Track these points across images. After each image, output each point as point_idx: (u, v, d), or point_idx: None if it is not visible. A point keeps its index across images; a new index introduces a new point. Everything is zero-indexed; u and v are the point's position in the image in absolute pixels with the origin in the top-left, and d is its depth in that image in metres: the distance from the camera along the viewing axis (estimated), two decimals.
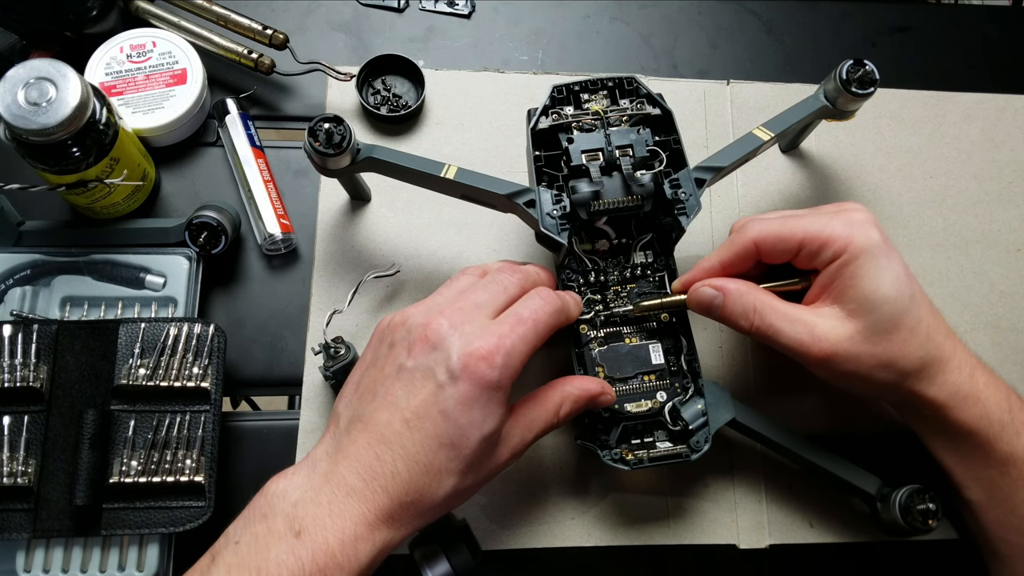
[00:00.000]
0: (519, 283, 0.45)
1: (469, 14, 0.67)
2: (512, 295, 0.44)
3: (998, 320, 0.59)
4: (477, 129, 0.62)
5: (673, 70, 0.67)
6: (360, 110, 0.62)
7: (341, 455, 0.40)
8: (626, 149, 0.49)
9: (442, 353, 0.40)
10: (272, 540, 0.37)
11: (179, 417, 0.50)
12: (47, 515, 0.48)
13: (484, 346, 0.40)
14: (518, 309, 0.43)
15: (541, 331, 0.43)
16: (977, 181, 0.63)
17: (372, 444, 0.39)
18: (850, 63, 0.52)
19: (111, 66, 0.58)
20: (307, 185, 0.60)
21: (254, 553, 0.37)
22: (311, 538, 0.37)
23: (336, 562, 0.37)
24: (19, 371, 0.49)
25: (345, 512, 0.38)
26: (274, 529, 0.37)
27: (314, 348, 0.51)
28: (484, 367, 0.39)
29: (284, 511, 0.38)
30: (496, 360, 0.40)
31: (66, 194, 0.52)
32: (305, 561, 0.36)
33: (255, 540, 0.37)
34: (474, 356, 0.40)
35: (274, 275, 0.58)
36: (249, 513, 0.39)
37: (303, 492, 0.39)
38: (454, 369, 0.39)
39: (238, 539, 0.38)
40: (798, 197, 0.62)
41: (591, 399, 0.46)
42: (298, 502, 0.38)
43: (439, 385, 0.40)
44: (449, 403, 0.39)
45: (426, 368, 0.40)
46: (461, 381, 0.39)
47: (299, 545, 0.37)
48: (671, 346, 0.50)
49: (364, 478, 0.39)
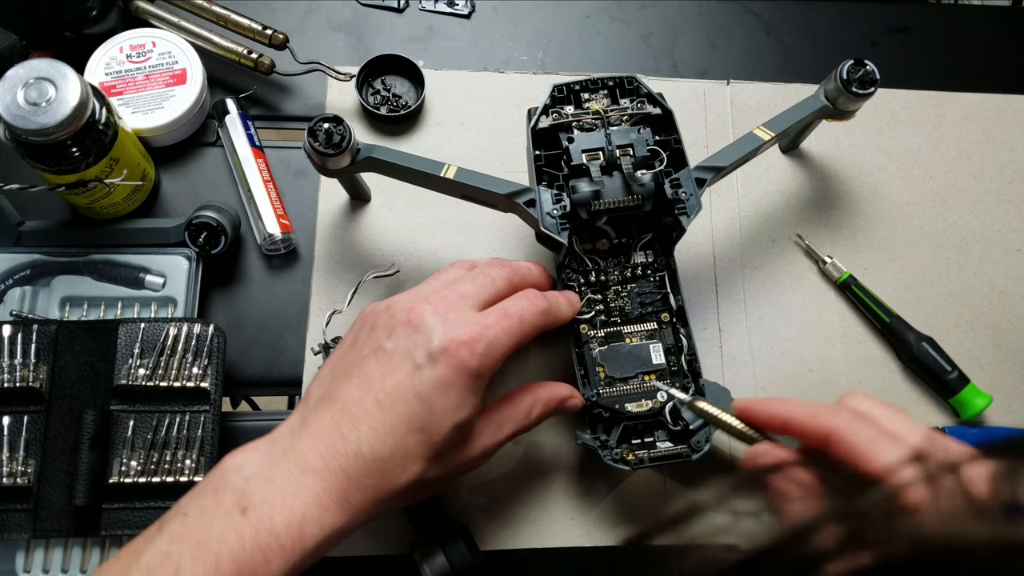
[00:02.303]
0: (507, 277, 0.45)
1: (469, 14, 0.67)
2: (500, 289, 0.44)
3: (998, 320, 0.59)
4: (477, 129, 0.62)
5: (673, 70, 0.67)
6: (360, 110, 0.62)
7: (304, 431, 0.39)
8: (626, 149, 0.49)
9: (423, 336, 0.39)
10: (218, 515, 0.36)
11: (179, 417, 0.50)
12: (47, 515, 0.47)
13: (467, 332, 0.39)
14: (505, 304, 0.42)
15: (526, 329, 0.42)
16: (977, 181, 0.63)
17: (338, 422, 0.39)
18: (850, 63, 0.52)
19: (111, 66, 0.58)
20: (307, 185, 0.60)
21: (198, 527, 0.36)
22: (256, 516, 0.36)
23: (279, 543, 0.36)
24: (19, 371, 0.49)
25: (297, 491, 0.37)
26: (222, 503, 0.37)
27: (314, 348, 0.51)
28: (465, 352, 0.39)
29: (235, 485, 0.37)
30: (478, 348, 0.39)
31: (66, 194, 0.52)
32: (247, 539, 0.35)
33: (202, 513, 0.36)
34: (455, 341, 0.39)
35: (274, 275, 0.58)
36: (203, 485, 0.38)
37: (258, 468, 0.38)
38: (434, 352, 0.39)
39: (187, 511, 0.37)
40: (798, 197, 0.62)
41: (561, 402, 0.46)
42: (251, 477, 0.37)
43: (417, 367, 0.39)
44: (425, 386, 0.38)
45: (405, 350, 0.40)
46: (440, 364, 0.39)
47: (243, 522, 0.36)
48: (671, 346, 0.50)
49: (324, 456, 0.38)
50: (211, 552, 0.35)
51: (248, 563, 0.35)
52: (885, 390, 0.57)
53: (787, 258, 0.60)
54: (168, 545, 0.36)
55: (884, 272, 0.60)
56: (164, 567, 0.35)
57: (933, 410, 0.57)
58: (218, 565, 0.35)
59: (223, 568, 0.35)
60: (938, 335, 0.57)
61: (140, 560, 0.35)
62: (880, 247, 0.61)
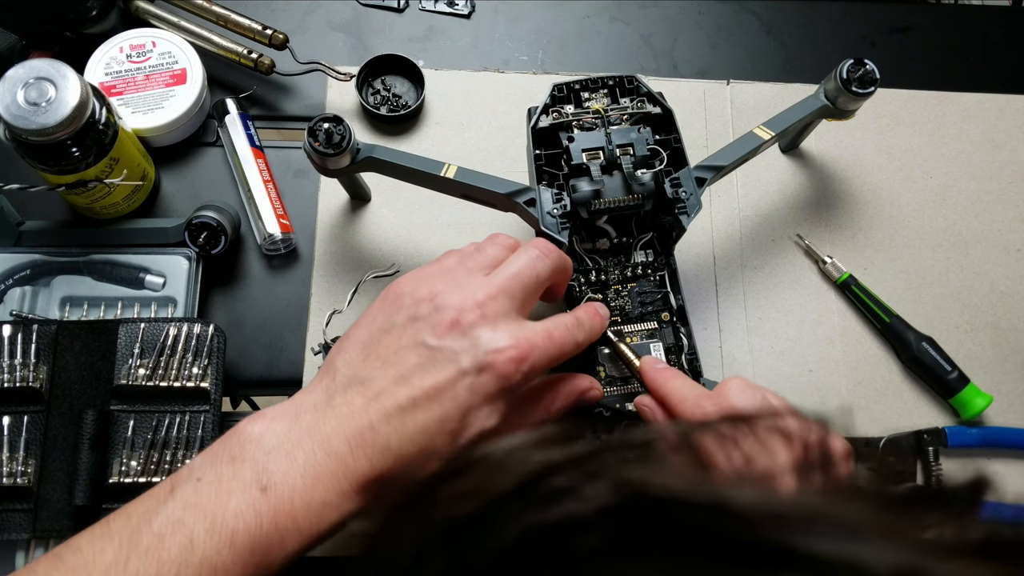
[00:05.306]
0: (551, 268, 0.43)
1: (469, 14, 0.67)
2: (543, 284, 0.43)
3: (998, 320, 0.59)
4: (477, 129, 0.62)
5: (673, 70, 0.67)
6: (360, 110, 0.62)
7: (331, 412, 0.38)
8: (627, 148, 0.49)
9: (471, 341, 0.39)
10: (235, 487, 0.35)
11: (179, 417, 0.50)
12: (47, 515, 0.47)
13: (516, 351, 0.39)
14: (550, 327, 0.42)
15: (566, 354, 0.42)
16: (977, 181, 0.63)
17: (369, 411, 0.38)
18: (851, 62, 0.52)
19: (111, 66, 0.58)
20: (307, 185, 0.60)
21: (214, 497, 0.35)
22: (276, 495, 0.35)
23: (296, 525, 0.35)
24: (19, 371, 0.49)
25: (320, 474, 0.36)
26: (240, 475, 0.36)
27: (314, 348, 0.51)
28: (512, 368, 0.39)
29: (255, 458, 0.36)
30: (523, 366, 0.39)
31: (66, 194, 0.52)
32: (264, 518, 0.35)
33: (218, 482, 0.36)
34: (504, 356, 0.39)
35: (274, 275, 0.58)
36: (218, 450, 0.37)
37: (279, 442, 0.37)
38: (481, 361, 0.38)
39: (200, 476, 0.36)
40: (798, 197, 0.62)
41: (581, 393, 0.46)
42: (271, 452, 0.36)
43: (461, 372, 0.38)
44: (465, 393, 0.38)
45: (451, 351, 0.39)
46: (485, 375, 0.38)
47: (262, 500, 0.35)
48: (672, 345, 0.50)
49: (351, 444, 0.37)
50: (227, 527, 0.34)
51: (263, 542, 0.35)
52: (885, 390, 0.57)
53: (787, 258, 0.60)
54: (182, 512, 0.35)
55: (884, 272, 0.60)
56: (176, 535, 0.34)
57: (933, 410, 0.57)
58: (233, 541, 0.34)
59: (238, 545, 0.34)
60: (938, 335, 0.57)
61: (152, 523, 0.35)
62: (880, 247, 0.61)
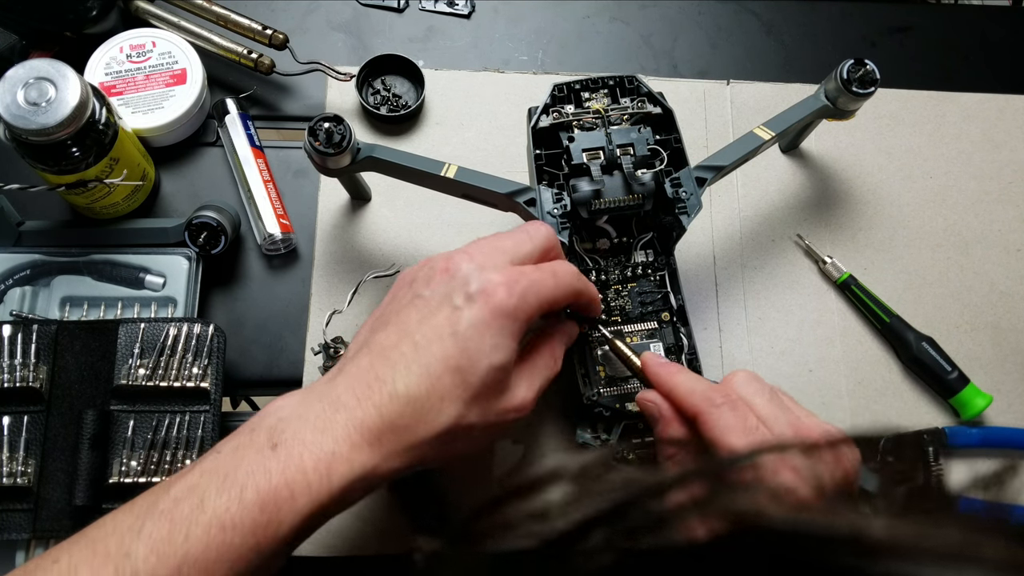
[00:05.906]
0: (546, 236, 0.44)
1: (469, 14, 0.67)
2: (536, 248, 0.43)
3: (998, 320, 0.59)
4: (477, 129, 0.62)
5: (673, 70, 0.67)
6: (360, 110, 0.62)
7: (341, 376, 0.39)
8: (627, 148, 0.49)
9: (460, 280, 0.39)
10: (250, 451, 0.36)
11: (179, 417, 0.49)
12: (47, 515, 0.47)
13: (504, 276, 0.39)
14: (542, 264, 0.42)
15: (561, 286, 0.42)
16: (977, 181, 0.63)
17: (374, 365, 0.38)
18: (851, 63, 0.52)
19: (111, 66, 0.58)
20: (307, 185, 0.60)
21: (228, 461, 0.36)
22: (286, 451, 0.36)
23: (306, 479, 0.35)
24: (19, 371, 0.49)
25: (328, 427, 0.37)
26: (254, 441, 0.37)
27: (314, 348, 0.51)
28: (503, 292, 0.39)
29: (269, 424, 0.37)
30: (515, 288, 0.39)
31: (66, 194, 0.52)
32: (273, 473, 0.35)
33: (235, 450, 0.37)
34: (493, 282, 0.39)
35: (274, 275, 0.58)
36: (240, 428, 0.39)
37: (292, 409, 0.38)
38: (471, 292, 0.39)
39: (220, 449, 0.37)
40: (798, 197, 0.62)
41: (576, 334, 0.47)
42: (285, 417, 0.38)
43: (454, 308, 0.39)
44: (462, 325, 0.38)
45: (443, 295, 0.39)
46: (477, 304, 0.38)
47: (272, 457, 0.36)
48: (672, 345, 0.50)
49: (358, 395, 0.37)
50: (236, 484, 0.35)
51: (272, 497, 0.35)
52: (885, 390, 0.57)
53: (787, 258, 0.60)
54: (198, 478, 0.36)
55: (884, 272, 0.60)
56: (190, 497, 0.35)
57: (933, 410, 0.57)
58: (242, 496, 0.35)
59: (247, 500, 0.35)
60: (938, 335, 0.57)
61: (170, 492, 0.36)
62: (880, 247, 0.61)
